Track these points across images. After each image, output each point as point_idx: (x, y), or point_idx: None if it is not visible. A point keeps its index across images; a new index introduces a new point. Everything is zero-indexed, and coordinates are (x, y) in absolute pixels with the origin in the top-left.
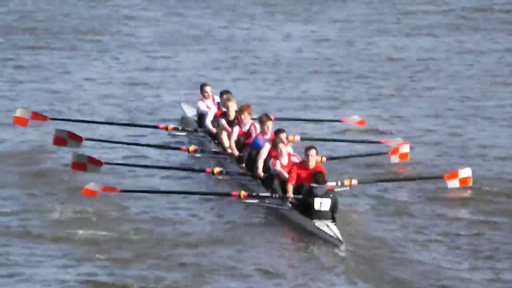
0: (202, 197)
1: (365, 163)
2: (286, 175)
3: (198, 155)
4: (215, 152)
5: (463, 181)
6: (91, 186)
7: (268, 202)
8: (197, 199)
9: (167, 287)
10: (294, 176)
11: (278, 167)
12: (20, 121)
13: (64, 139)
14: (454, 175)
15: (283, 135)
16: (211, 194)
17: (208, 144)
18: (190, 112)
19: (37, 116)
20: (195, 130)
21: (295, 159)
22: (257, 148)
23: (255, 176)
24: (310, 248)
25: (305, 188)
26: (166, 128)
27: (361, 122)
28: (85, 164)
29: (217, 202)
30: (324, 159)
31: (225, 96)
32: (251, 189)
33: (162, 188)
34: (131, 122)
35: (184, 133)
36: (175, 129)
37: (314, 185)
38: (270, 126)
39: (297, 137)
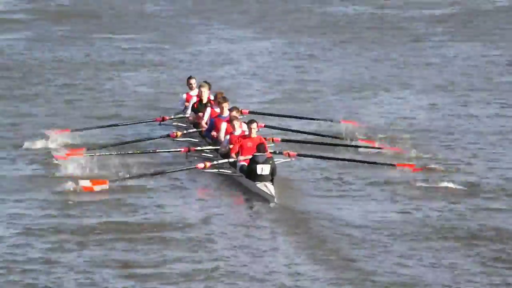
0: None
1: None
2: (225, 147)
3: (196, 154)
4: (199, 134)
5: (416, 169)
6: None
7: (223, 171)
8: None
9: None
10: (240, 146)
11: (225, 140)
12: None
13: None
14: (407, 165)
15: (233, 113)
16: (183, 170)
17: (190, 128)
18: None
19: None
20: (183, 117)
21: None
22: (211, 125)
23: (218, 150)
24: (250, 203)
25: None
26: (163, 119)
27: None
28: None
29: (182, 174)
30: (277, 139)
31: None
32: (212, 160)
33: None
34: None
35: (175, 122)
36: (170, 119)
37: (257, 154)
38: (226, 107)
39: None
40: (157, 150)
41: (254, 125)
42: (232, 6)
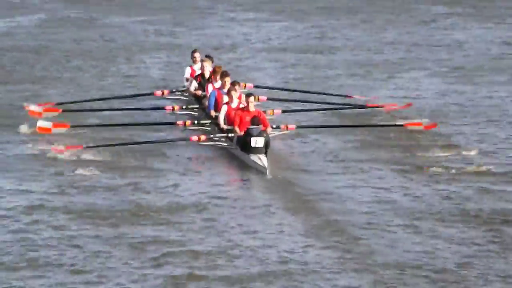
0: (166, 144)
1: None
2: (221, 118)
3: (194, 127)
4: (199, 108)
5: (428, 126)
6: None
7: (219, 143)
8: (162, 147)
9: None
10: (238, 119)
11: (223, 110)
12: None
13: (48, 128)
14: (416, 124)
15: (231, 84)
16: (174, 140)
17: (192, 104)
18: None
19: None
20: (184, 91)
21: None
22: (211, 98)
23: (216, 123)
24: (244, 175)
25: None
26: (162, 93)
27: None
28: (49, 128)
29: (179, 146)
30: (278, 111)
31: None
32: (210, 133)
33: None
34: (137, 92)
35: (176, 96)
36: (171, 92)
37: (251, 126)
38: (228, 81)
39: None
40: (152, 122)
41: (251, 99)
42: None
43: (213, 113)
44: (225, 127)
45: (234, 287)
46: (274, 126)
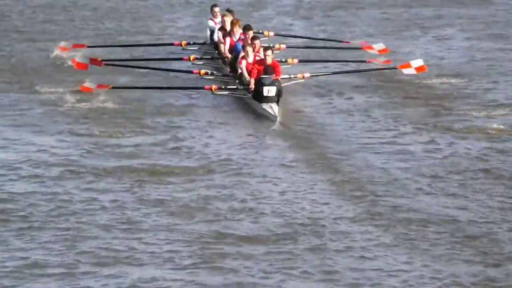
0: (181, 91)
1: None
2: (245, 72)
3: (209, 77)
4: (215, 58)
5: (418, 69)
6: (87, 84)
7: (233, 93)
8: (177, 94)
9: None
10: (255, 71)
11: (243, 65)
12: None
13: (85, 64)
14: (407, 66)
15: (249, 33)
16: (188, 88)
17: (213, 54)
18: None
19: (76, 46)
20: (204, 43)
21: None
22: (236, 51)
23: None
24: (255, 123)
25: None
26: (181, 44)
27: (384, 50)
28: (86, 64)
29: (194, 95)
30: (295, 61)
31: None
32: (228, 84)
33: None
34: (156, 42)
35: (196, 47)
36: (188, 44)
37: (263, 76)
38: (251, 34)
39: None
40: (169, 68)
41: (269, 52)
42: None
43: (237, 65)
44: (248, 77)
45: (259, 245)
46: (291, 76)
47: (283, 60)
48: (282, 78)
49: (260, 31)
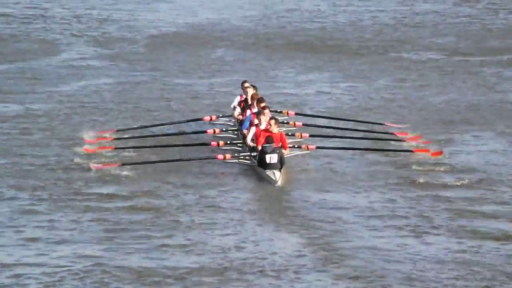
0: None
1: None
2: (249, 137)
3: (226, 147)
4: (235, 132)
5: (434, 154)
6: (95, 164)
7: (243, 162)
8: (187, 164)
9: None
10: (262, 139)
11: (251, 131)
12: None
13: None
14: (425, 151)
15: (260, 105)
16: (202, 159)
17: (238, 135)
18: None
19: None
20: (229, 116)
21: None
22: (246, 120)
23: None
24: (257, 188)
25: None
26: (210, 119)
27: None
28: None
29: (205, 164)
30: (306, 135)
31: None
32: (240, 153)
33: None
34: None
35: (222, 122)
36: (218, 117)
37: (265, 145)
38: (262, 105)
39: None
40: (188, 144)
41: (272, 122)
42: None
43: (246, 133)
44: (251, 144)
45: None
46: (296, 146)
47: (290, 134)
48: (289, 147)
49: (278, 111)
